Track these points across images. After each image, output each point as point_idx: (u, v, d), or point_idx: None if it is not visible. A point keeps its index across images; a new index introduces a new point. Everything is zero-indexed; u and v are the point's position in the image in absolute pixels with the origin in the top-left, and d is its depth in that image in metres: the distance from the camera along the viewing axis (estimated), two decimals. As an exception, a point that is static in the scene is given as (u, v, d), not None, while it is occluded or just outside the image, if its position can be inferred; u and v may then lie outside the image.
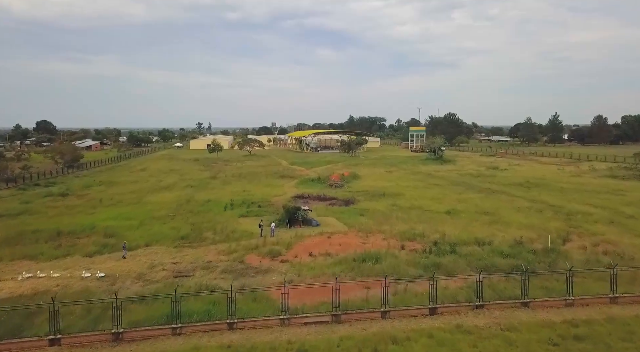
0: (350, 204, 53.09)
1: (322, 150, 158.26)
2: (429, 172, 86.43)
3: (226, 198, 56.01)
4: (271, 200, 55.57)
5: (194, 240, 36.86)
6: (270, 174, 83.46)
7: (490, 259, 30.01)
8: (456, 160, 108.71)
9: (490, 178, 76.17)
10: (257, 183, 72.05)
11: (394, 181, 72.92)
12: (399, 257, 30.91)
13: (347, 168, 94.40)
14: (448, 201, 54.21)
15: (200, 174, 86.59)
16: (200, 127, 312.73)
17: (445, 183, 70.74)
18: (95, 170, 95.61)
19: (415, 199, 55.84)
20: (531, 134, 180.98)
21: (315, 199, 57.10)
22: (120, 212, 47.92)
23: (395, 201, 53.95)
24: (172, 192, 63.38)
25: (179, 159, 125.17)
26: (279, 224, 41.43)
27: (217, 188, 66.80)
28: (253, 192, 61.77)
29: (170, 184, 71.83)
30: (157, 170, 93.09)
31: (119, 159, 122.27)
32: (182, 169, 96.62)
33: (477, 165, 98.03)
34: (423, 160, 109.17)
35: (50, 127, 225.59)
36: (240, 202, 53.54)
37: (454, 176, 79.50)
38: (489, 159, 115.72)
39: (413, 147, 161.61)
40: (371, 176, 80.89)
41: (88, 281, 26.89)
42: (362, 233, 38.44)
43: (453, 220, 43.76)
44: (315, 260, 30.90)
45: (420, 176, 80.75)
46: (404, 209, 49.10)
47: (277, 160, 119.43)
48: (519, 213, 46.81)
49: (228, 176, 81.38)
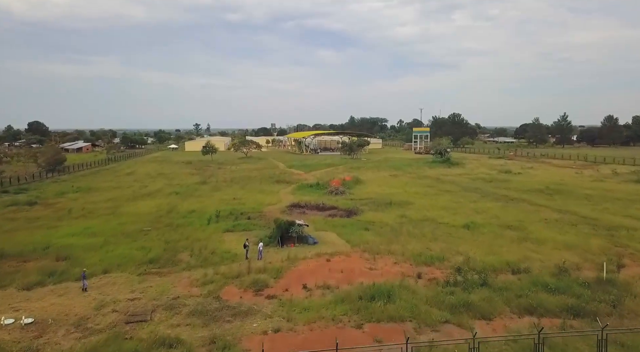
0: (352, 215, 46.60)
1: (322, 152, 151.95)
2: (437, 176, 79.96)
3: (213, 208, 49.58)
4: (263, 210, 49.14)
5: (165, 264, 30.41)
6: (265, 179, 77.03)
7: (533, 295, 23.47)
8: (464, 163, 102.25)
9: (504, 183, 69.68)
10: (250, 189, 65.61)
11: (401, 187, 66.43)
12: (417, 291, 24.41)
13: (348, 172, 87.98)
14: (463, 211, 47.74)
15: (189, 178, 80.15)
16: (198, 128, 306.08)
17: (457, 189, 64.24)
18: (78, 174, 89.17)
19: (426, 208, 49.35)
20: (539, 135, 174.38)
21: (314, 208, 50.61)
22: (86, 225, 41.45)
23: (403, 212, 47.47)
24: (154, 200, 56.92)
25: (170, 161, 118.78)
26: (270, 242, 35.04)
27: (205, 195, 60.35)
28: (244, 200, 55.35)
29: (155, 190, 65.38)
30: (145, 174, 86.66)
31: (108, 161, 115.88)
32: (172, 172, 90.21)
33: (487, 169, 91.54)
34: (429, 163, 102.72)
35: (43, 128, 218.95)
36: (227, 213, 47.09)
37: (465, 181, 73.00)
38: (499, 162, 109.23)
39: (417, 148, 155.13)
40: (375, 180, 74.42)
41: (7, 331, 20.37)
42: (368, 254, 32.02)
43: (473, 236, 37.28)
44: (310, 295, 24.43)
45: (428, 180, 74.25)
46: (415, 222, 42.63)
47: (275, 162, 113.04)
48: (549, 227, 40.29)
49: (219, 181, 74.93)
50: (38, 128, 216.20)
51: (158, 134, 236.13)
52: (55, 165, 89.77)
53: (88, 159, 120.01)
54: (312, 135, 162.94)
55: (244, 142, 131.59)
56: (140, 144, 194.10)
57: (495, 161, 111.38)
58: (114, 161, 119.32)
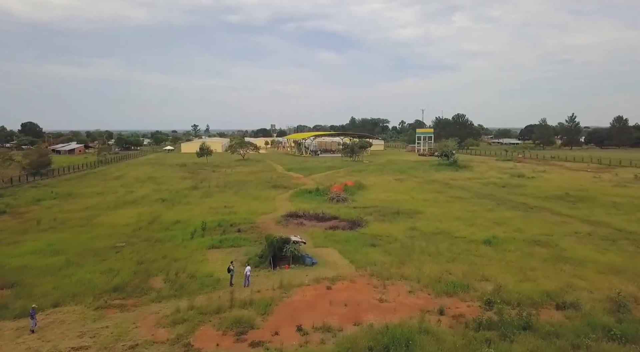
0: (356, 227, 41.34)
1: (323, 154, 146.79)
2: (445, 180, 74.71)
3: (200, 218, 44.37)
4: (256, 220, 43.92)
5: (132, 293, 25.20)
6: (261, 183, 71.82)
7: (596, 346, 18.12)
8: (472, 166, 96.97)
9: (519, 189, 64.43)
10: (244, 195, 60.42)
11: (407, 193, 61.20)
12: (442, 338, 19.11)
13: (350, 175, 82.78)
14: (480, 222, 42.51)
15: (180, 183, 74.94)
16: (196, 129, 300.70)
17: (469, 195, 59.01)
18: (62, 178, 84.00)
19: (439, 219, 44.11)
20: (546, 137, 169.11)
21: (312, 218, 45.36)
22: (51, 240, 36.24)
23: (413, 223, 42.22)
24: (137, 208, 51.72)
25: (164, 164, 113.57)
26: (261, 263, 29.86)
27: (194, 203, 55.14)
28: (236, 209, 50.16)
29: (140, 196, 60.18)
30: (134, 179, 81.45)
31: (98, 164, 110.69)
32: (163, 176, 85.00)
33: (497, 172, 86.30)
34: (435, 166, 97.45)
35: (36, 129, 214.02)
36: (215, 224, 41.90)
37: (476, 186, 67.75)
38: (508, 165, 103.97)
39: (420, 150, 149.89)
40: (379, 185, 69.19)
41: None
42: (377, 279, 26.83)
43: (497, 254, 32.04)
44: (306, 342, 19.19)
45: (436, 185, 69.01)
46: (428, 236, 37.42)
47: (272, 165, 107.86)
48: (583, 243, 35.04)
49: (211, 186, 69.69)
50: (32, 129, 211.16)
51: (155, 135, 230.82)
52: (39, 168, 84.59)
53: (78, 161, 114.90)
54: (312, 137, 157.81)
55: (240, 143, 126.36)
56: (135, 145, 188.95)
57: (504, 164, 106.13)
58: (104, 163, 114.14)
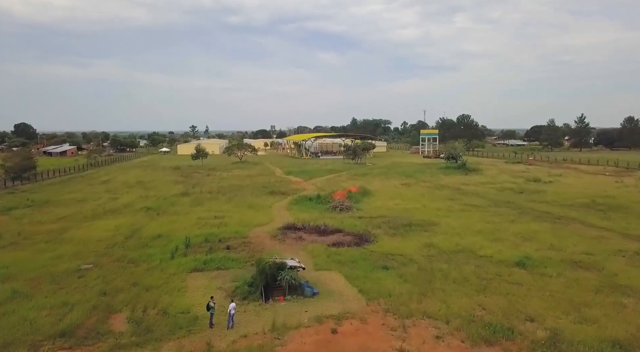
0: (364, 242, 35.91)
1: (324, 156, 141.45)
2: (456, 185, 69.28)
3: (185, 231, 39.04)
4: (249, 235, 38.53)
5: (84, 338, 19.80)
6: (258, 189, 66.43)
7: None
8: (482, 169, 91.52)
9: (538, 195, 59.02)
10: (238, 202, 55.05)
11: (417, 200, 55.79)
12: None
13: (353, 180, 77.42)
14: (506, 237, 37.09)
15: (171, 188, 69.55)
16: (194, 130, 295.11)
17: (485, 203, 53.58)
18: (45, 182, 78.66)
19: (457, 233, 38.70)
20: (554, 138, 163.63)
21: (313, 231, 39.91)
22: (5, 261, 30.78)
23: (430, 238, 36.81)
24: (117, 218, 46.34)
25: (157, 167, 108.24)
26: (250, 293, 24.49)
27: (181, 212, 49.74)
28: (227, 219, 44.78)
29: (124, 204, 54.80)
30: (122, 183, 76.10)
31: (87, 167, 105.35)
32: (154, 180, 79.65)
33: (510, 176, 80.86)
34: (443, 169, 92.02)
35: (30, 130, 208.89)
36: (202, 239, 36.51)
37: (491, 192, 62.31)
38: (519, 168, 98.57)
39: (425, 152, 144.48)
40: (385, 191, 63.78)
41: None
42: (394, 317, 21.47)
43: (536, 281, 26.62)
44: None
45: (447, 191, 63.59)
46: (448, 255, 32.04)
47: (271, 168, 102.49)
48: (635, 265, 29.58)
49: (204, 192, 64.30)
50: (25, 130, 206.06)
51: (152, 137, 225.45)
52: (21, 172, 79.30)
53: (67, 164, 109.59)
54: (312, 138, 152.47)
55: (238, 145, 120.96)
56: (131, 147, 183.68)
57: (515, 167, 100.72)
58: (94, 166, 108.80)
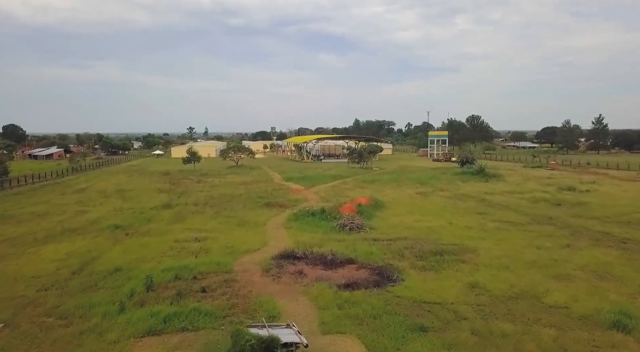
0: (386, 281, 26.84)
1: (326, 159, 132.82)
2: (479, 195, 60.37)
3: (153, 262, 30.27)
4: (234, 267, 29.63)
5: None
6: (252, 199, 57.63)
7: None
8: (502, 175, 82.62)
9: (581, 208, 50.10)
10: (227, 218, 46.24)
11: (440, 214, 46.90)
12: None
13: (361, 187, 68.60)
14: (572, 272, 28.06)
15: (153, 198, 60.78)
16: (192, 132, 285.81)
17: (523, 219, 44.61)
18: (13, 191, 69.91)
19: (505, 265, 29.72)
20: (570, 140, 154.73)
21: (318, 262, 30.88)
22: None
23: (472, 274, 27.84)
24: (74, 241, 37.48)
25: (145, 172, 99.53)
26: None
27: (156, 231, 40.84)
28: (211, 242, 35.95)
29: (90, 220, 45.97)
30: (98, 192, 67.34)
31: (69, 171, 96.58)
32: (136, 189, 70.90)
33: (537, 183, 71.99)
34: (459, 175, 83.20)
35: (19, 132, 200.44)
36: (172, 275, 27.52)
37: (523, 204, 53.37)
38: (541, 173, 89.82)
39: (435, 155, 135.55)
40: (400, 202, 54.92)
41: None
42: None
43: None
44: None
45: (472, 203, 54.69)
46: (504, 303, 23.13)
47: (269, 173, 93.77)
48: None
49: (189, 203, 55.46)
50: (14, 132, 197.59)
51: (146, 139, 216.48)
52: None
53: (48, 168, 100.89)
54: (314, 140, 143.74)
55: (233, 148, 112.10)
56: (123, 149, 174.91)
57: (537, 172, 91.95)
58: (77, 171, 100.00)
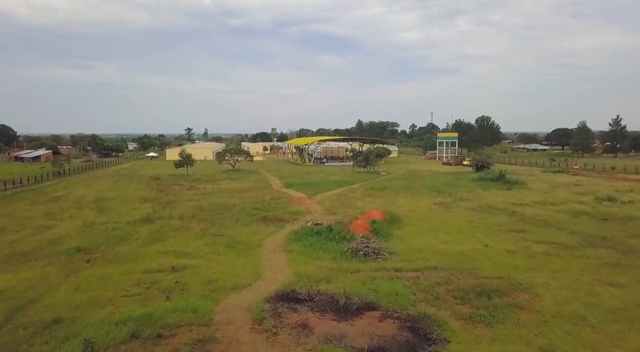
0: (423, 346, 19.21)
1: (329, 163, 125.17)
2: (507, 207, 52.61)
3: (108, 306, 22.63)
4: (214, 315, 21.88)
5: None
6: (247, 211, 49.95)
7: None
8: (525, 182, 74.85)
9: (635, 225, 42.35)
10: (215, 237, 38.55)
11: (469, 233, 39.17)
12: None
13: (370, 196, 60.92)
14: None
15: (134, 209, 53.12)
16: (190, 133, 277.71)
17: (573, 241, 36.74)
18: (-21, 199, 62.30)
19: (581, 315, 21.92)
20: (586, 143, 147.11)
21: (327, 308, 22.94)
22: None
23: (540, 332, 20.08)
24: (18, 271, 29.74)
25: (134, 176, 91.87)
26: None
27: (126, 255, 33.12)
28: (190, 273, 28.22)
29: (50, 240, 38.24)
30: (74, 202, 59.70)
31: (50, 176, 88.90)
32: (118, 197, 63.22)
33: (567, 192, 64.28)
34: (476, 182, 75.46)
35: (9, 133, 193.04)
36: (127, 333, 19.68)
37: (562, 219, 45.54)
38: (566, 179, 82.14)
39: (444, 158, 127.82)
40: (419, 216, 47.18)
41: None
42: None
43: None
44: None
45: (503, 217, 46.90)
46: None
47: (268, 178, 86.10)
48: None
49: (173, 217, 47.70)
50: (4, 132, 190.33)
51: (142, 140, 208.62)
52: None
53: (28, 172, 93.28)
54: (316, 142, 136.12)
55: (230, 150, 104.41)
56: (116, 151, 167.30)
57: (560, 178, 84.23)
58: (59, 176, 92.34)
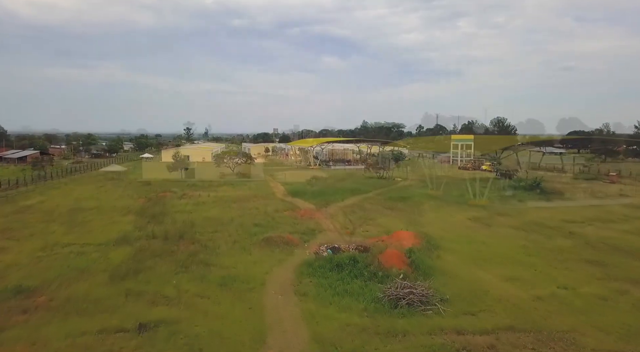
0: None
1: (335, 166, 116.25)
2: (560, 225, 43.71)
3: None
4: None
5: None
6: (247, 229, 41.11)
7: None
8: (564, 192, 65.97)
9: None
10: (205, 269, 29.72)
11: (530, 264, 30.28)
12: None
13: (390, 209, 52.11)
14: None
15: (112, 224, 44.29)
16: (189, 133, 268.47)
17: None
18: None
19: None
20: (611, 146, 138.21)
21: None
22: None
23: None
24: None
25: (123, 181, 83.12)
26: None
27: (79, 302, 24.28)
28: (164, 334, 19.36)
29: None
30: (45, 212, 50.91)
31: (29, 180, 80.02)
32: (99, 207, 54.41)
33: (620, 205, 55.36)
34: (506, 190, 66.54)
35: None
36: None
37: (637, 243, 36.68)
38: (605, 188, 73.24)
39: (460, 163, 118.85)
40: (456, 237, 38.27)
41: None
42: None
43: None
44: None
45: (561, 240, 37.97)
46: None
47: (271, 183, 77.33)
48: None
49: (158, 235, 38.77)
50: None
51: (138, 140, 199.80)
52: None
53: (7, 175, 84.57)
54: (322, 144, 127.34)
55: (229, 152, 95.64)
56: (110, 151, 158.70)
57: (598, 187, 75.28)
58: (40, 179, 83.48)
